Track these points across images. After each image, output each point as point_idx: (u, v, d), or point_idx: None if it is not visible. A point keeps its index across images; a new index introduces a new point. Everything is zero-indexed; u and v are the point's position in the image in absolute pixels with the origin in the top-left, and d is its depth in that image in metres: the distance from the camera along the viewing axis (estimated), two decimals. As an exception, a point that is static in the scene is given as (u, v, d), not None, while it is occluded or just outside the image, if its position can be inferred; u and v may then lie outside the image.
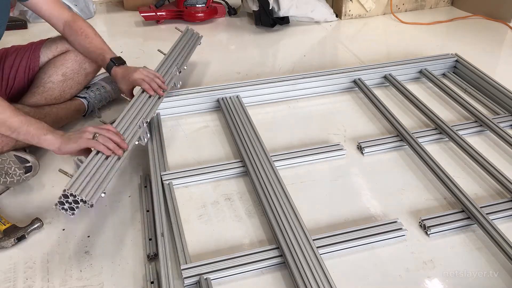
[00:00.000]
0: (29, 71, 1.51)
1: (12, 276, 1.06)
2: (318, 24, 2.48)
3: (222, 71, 1.98)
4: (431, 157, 1.36)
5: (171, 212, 1.20)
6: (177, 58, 1.68)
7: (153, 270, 1.05)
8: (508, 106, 1.62)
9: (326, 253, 1.09)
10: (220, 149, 1.47)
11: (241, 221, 1.20)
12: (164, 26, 2.46)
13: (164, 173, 1.31)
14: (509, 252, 1.06)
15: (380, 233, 1.13)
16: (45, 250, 1.13)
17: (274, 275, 1.06)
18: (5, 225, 1.16)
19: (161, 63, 1.60)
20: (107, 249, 1.13)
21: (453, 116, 1.63)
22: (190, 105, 1.64)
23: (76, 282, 1.05)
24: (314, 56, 2.14)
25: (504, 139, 1.45)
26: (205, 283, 1.01)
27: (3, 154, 1.26)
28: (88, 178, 1.09)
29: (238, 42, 2.30)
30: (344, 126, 1.58)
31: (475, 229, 1.17)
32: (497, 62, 2.07)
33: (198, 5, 2.45)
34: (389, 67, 1.81)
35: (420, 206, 1.25)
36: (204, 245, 1.13)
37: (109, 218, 1.22)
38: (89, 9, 2.54)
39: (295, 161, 1.39)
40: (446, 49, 2.07)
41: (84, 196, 1.03)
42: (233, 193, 1.30)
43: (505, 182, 1.27)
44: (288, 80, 1.71)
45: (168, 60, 1.64)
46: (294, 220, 1.14)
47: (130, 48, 2.19)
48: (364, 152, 1.44)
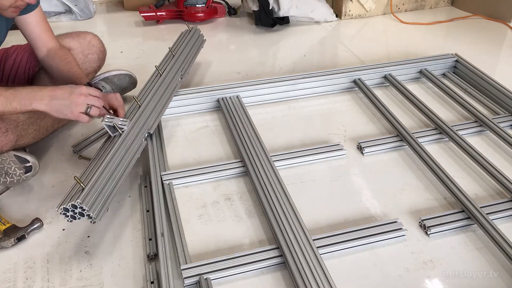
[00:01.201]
0: (29, 71, 1.51)
1: (12, 276, 1.06)
2: (318, 24, 2.48)
3: (222, 71, 1.98)
4: (431, 157, 1.36)
5: (171, 212, 1.20)
6: (182, 63, 1.67)
7: (153, 270, 1.05)
8: (508, 106, 1.62)
9: (326, 253, 1.09)
10: (220, 149, 1.47)
11: (241, 221, 1.20)
12: (164, 26, 2.46)
13: (164, 173, 1.31)
14: (509, 252, 1.06)
15: (380, 233, 1.13)
16: (45, 250, 1.13)
17: (274, 275, 1.06)
18: (5, 225, 1.16)
19: (168, 69, 1.59)
20: (107, 249, 1.13)
21: (453, 116, 1.63)
22: (190, 105, 1.64)
23: (76, 282, 1.05)
24: (314, 56, 2.14)
25: (504, 139, 1.45)
26: (205, 283, 1.01)
27: (3, 154, 1.26)
28: (98, 192, 1.08)
29: (238, 42, 2.30)
30: (344, 126, 1.58)
31: (475, 229, 1.17)
32: (497, 62, 2.07)
33: (198, 5, 2.45)
34: (389, 67, 1.81)
35: (420, 206, 1.25)
36: (204, 245, 1.13)
37: (109, 218, 1.22)
38: (89, 9, 2.54)
39: (295, 161, 1.39)
40: (446, 49, 2.07)
41: (92, 213, 1.03)
42: (233, 193, 1.30)
43: (505, 182, 1.27)
44: (288, 80, 1.71)
45: (174, 67, 1.62)
46: (294, 220, 1.14)
47: (130, 48, 2.19)
48: (364, 152, 1.44)
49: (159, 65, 1.60)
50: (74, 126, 1.58)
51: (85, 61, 1.56)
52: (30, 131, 1.35)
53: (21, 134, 1.31)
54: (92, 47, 1.59)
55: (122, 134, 1.25)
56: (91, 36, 1.60)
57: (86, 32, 1.61)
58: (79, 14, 2.50)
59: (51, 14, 2.50)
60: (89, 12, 2.54)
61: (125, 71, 1.70)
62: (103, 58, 1.64)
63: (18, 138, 1.29)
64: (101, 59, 1.62)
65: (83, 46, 1.57)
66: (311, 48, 2.24)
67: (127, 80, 1.69)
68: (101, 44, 1.63)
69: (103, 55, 1.64)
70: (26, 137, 1.33)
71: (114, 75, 1.67)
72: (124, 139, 1.25)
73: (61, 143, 1.50)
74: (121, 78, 1.68)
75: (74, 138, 1.52)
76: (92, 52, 1.58)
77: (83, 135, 1.52)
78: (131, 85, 1.71)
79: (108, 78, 1.66)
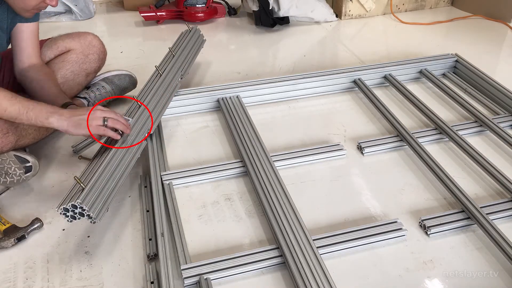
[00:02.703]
0: None
1: (12, 276, 1.06)
2: (318, 24, 2.48)
3: (222, 71, 1.98)
4: (431, 157, 1.36)
5: (171, 212, 1.20)
6: (182, 63, 1.67)
7: (153, 270, 1.05)
8: (508, 106, 1.62)
9: (326, 253, 1.09)
10: (220, 149, 1.47)
11: (241, 221, 1.20)
12: (164, 26, 2.46)
13: (164, 173, 1.31)
14: (509, 252, 1.06)
15: (380, 233, 1.13)
16: (45, 250, 1.13)
17: (274, 275, 1.06)
18: (5, 225, 1.16)
19: (168, 69, 1.60)
20: (107, 249, 1.13)
21: (453, 116, 1.63)
22: (190, 105, 1.64)
23: (76, 282, 1.05)
24: (314, 56, 2.14)
25: (504, 139, 1.45)
26: (205, 283, 1.01)
27: (3, 154, 1.26)
28: (98, 192, 1.08)
29: (238, 42, 2.30)
30: (344, 126, 1.58)
31: (475, 229, 1.17)
32: (497, 62, 2.07)
33: (198, 5, 2.45)
34: (389, 67, 1.81)
35: (420, 206, 1.25)
36: (204, 245, 1.13)
37: (109, 218, 1.22)
38: (89, 9, 2.54)
39: (295, 161, 1.39)
40: (446, 49, 2.07)
41: (92, 213, 1.03)
42: (233, 193, 1.30)
43: (505, 182, 1.27)
44: (288, 80, 1.71)
45: (174, 67, 1.63)
46: (294, 220, 1.14)
47: (130, 48, 2.19)
48: (364, 152, 1.44)
49: (159, 65, 1.61)
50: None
51: (86, 61, 1.56)
52: (30, 132, 1.35)
53: (21, 135, 1.31)
54: (93, 47, 1.59)
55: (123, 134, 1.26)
56: (91, 37, 1.61)
57: (87, 33, 1.61)
58: (79, 14, 2.50)
59: (51, 14, 2.50)
60: (89, 12, 2.54)
61: (125, 71, 1.71)
62: (103, 59, 1.65)
63: (18, 138, 1.30)
64: (101, 59, 1.63)
65: (83, 47, 1.57)
66: (311, 48, 2.24)
67: (127, 80, 1.70)
68: (102, 45, 1.63)
69: (104, 56, 1.64)
70: (26, 138, 1.34)
71: (114, 75, 1.68)
72: (125, 140, 1.25)
73: (61, 143, 1.50)
74: (121, 78, 1.68)
75: (74, 138, 1.51)
76: (93, 52, 1.59)
77: (83, 135, 1.52)
78: (131, 85, 1.72)
79: (108, 78, 1.67)
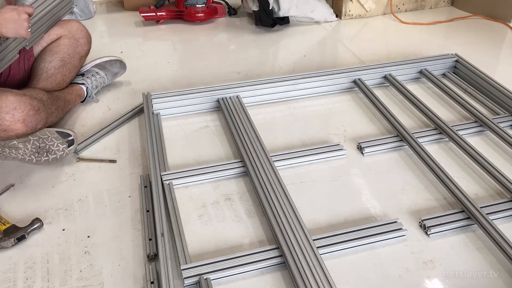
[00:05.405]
0: (24, 62, 1.56)
1: (12, 276, 1.06)
2: (318, 24, 2.48)
3: (222, 71, 1.98)
4: (431, 157, 1.36)
5: (171, 212, 1.20)
6: None
7: (153, 270, 1.05)
8: (508, 106, 1.62)
9: (326, 253, 1.09)
10: (220, 149, 1.47)
11: (241, 221, 1.20)
12: (164, 26, 2.46)
13: (164, 173, 1.31)
14: (509, 252, 1.06)
15: (380, 233, 1.13)
16: (45, 250, 1.13)
17: (274, 275, 1.06)
18: (5, 225, 1.16)
19: None
20: (107, 249, 1.13)
21: (453, 116, 1.63)
22: (190, 105, 1.65)
23: (76, 282, 1.05)
24: (314, 56, 2.14)
25: (504, 139, 1.45)
26: (205, 283, 1.01)
27: (42, 132, 1.32)
28: None
29: (238, 42, 2.30)
30: (344, 126, 1.58)
31: (475, 229, 1.17)
32: (497, 62, 2.07)
33: (198, 5, 2.45)
34: (389, 67, 1.81)
35: (420, 206, 1.25)
36: (204, 245, 1.13)
37: (109, 218, 1.22)
38: (89, 9, 2.54)
39: (295, 161, 1.39)
40: (446, 49, 2.07)
41: None
42: (233, 193, 1.30)
43: (505, 182, 1.27)
44: (288, 80, 1.71)
45: None
46: (294, 220, 1.14)
47: (130, 48, 2.19)
48: (364, 152, 1.44)
49: None
50: (75, 112, 1.65)
51: (78, 45, 1.66)
52: (53, 110, 1.44)
53: (48, 112, 1.39)
54: (81, 31, 1.70)
55: None
56: (77, 23, 1.71)
57: (71, 20, 1.72)
58: (79, 14, 2.50)
59: (51, 14, 2.50)
60: (89, 12, 2.54)
61: (115, 57, 1.83)
62: (90, 42, 1.75)
63: (47, 116, 1.38)
64: (89, 42, 1.74)
65: (72, 32, 1.67)
66: (311, 48, 2.24)
67: (118, 65, 1.83)
68: (86, 30, 1.74)
69: (90, 39, 1.75)
70: (52, 116, 1.43)
71: (106, 61, 1.80)
72: None
73: (61, 143, 1.50)
74: (112, 64, 1.81)
75: (74, 138, 1.52)
76: (82, 36, 1.69)
77: (83, 135, 1.52)
78: (122, 70, 1.86)
79: (100, 65, 1.80)
